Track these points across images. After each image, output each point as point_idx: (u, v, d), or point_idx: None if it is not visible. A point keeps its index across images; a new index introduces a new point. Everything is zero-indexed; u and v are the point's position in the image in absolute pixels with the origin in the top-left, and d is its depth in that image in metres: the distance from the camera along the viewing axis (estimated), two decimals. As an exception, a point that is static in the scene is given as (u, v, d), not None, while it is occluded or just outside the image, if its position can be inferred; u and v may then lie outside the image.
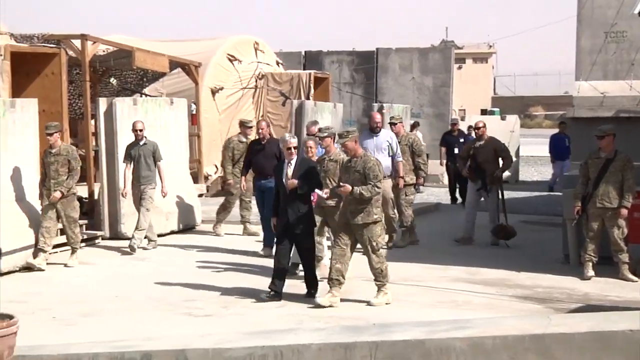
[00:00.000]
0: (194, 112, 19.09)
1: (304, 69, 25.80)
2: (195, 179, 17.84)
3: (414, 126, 22.50)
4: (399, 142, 13.40)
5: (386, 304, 9.56)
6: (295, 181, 9.71)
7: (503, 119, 26.68)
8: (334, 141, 10.63)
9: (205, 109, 19.40)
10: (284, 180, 9.83)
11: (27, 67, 13.53)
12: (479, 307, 9.52)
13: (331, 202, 10.28)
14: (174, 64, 17.87)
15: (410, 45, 29.05)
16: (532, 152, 34.84)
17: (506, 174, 20.89)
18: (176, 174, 14.63)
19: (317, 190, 9.78)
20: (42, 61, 13.71)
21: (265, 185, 12.43)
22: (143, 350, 6.72)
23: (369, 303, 9.54)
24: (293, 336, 7.04)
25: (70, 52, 14.70)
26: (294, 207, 9.75)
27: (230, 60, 20.97)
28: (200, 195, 16.93)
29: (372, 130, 12.94)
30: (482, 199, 14.00)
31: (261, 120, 12.63)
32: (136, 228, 12.90)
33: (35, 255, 11.52)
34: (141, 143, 13.04)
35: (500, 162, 13.93)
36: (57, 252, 12.19)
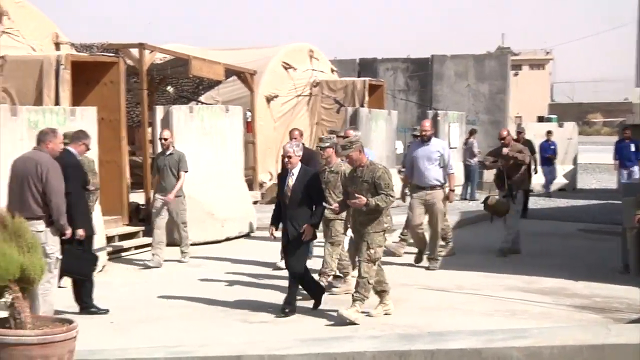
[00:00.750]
0: (249, 120, 19.22)
1: (359, 76, 25.82)
2: (251, 186, 17.95)
3: (471, 133, 22.35)
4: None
5: (349, 323, 8.86)
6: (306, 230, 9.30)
7: (560, 126, 26.38)
8: (335, 152, 10.27)
9: (260, 116, 19.50)
10: (285, 191, 9.46)
11: (87, 76, 13.74)
12: (536, 316, 9.40)
13: (330, 214, 9.93)
14: (230, 72, 18.01)
15: (466, 51, 28.93)
16: (590, 159, 34.38)
17: (538, 180, 20.35)
18: (231, 181, 14.74)
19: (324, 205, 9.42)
20: (101, 70, 13.91)
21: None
22: (199, 356, 6.78)
23: (338, 311, 9.08)
24: (348, 343, 7.03)
25: (129, 61, 14.90)
26: (294, 221, 9.33)
27: (285, 68, 21.06)
28: (255, 203, 17.03)
29: (422, 139, 12.44)
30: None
31: (294, 130, 12.33)
32: (181, 244, 12.88)
33: None
34: (167, 153, 12.76)
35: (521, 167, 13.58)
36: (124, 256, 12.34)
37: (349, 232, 10.34)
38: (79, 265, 9.39)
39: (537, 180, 21.05)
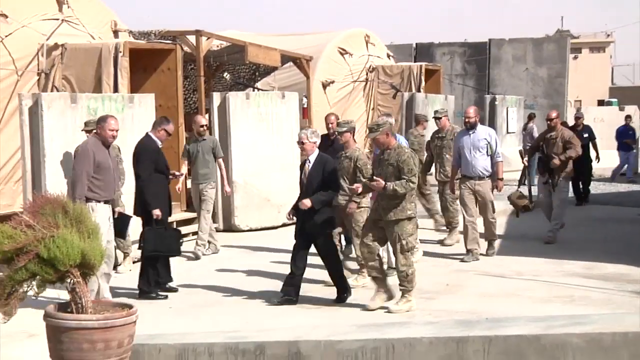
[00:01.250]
0: (305, 106, 19.24)
1: (415, 61, 25.67)
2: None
3: (530, 118, 22.09)
4: (444, 137, 12.75)
5: (407, 311, 8.88)
6: (308, 204, 9.04)
7: (621, 109, 25.92)
8: (353, 136, 10.05)
9: (316, 102, 19.51)
10: (302, 179, 9.30)
11: (145, 63, 13.88)
12: (596, 302, 9.27)
13: (342, 201, 9.81)
14: (286, 58, 18.02)
15: (524, 35, 28.54)
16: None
17: (600, 166, 19.87)
18: (287, 167, 14.77)
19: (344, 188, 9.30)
20: (159, 57, 14.03)
21: None
22: (257, 341, 6.80)
23: (388, 310, 8.91)
24: (405, 329, 7.00)
25: (186, 48, 15.01)
26: (310, 208, 9.07)
27: (341, 54, 21.03)
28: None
29: (466, 126, 11.84)
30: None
31: (330, 114, 12.01)
32: (198, 232, 12.38)
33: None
34: (200, 139, 12.28)
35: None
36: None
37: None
38: (165, 243, 9.60)
39: (602, 164, 20.55)
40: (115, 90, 12.76)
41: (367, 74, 21.43)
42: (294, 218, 9.40)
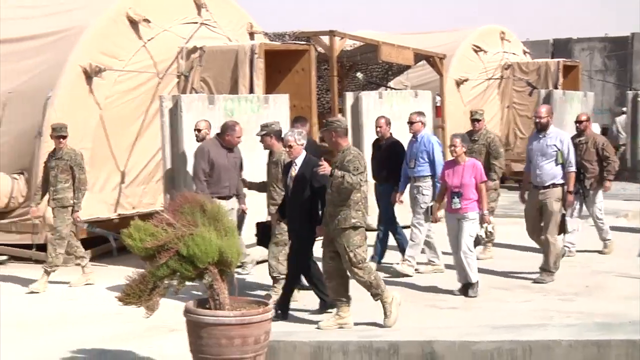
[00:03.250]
0: (439, 104, 19.08)
1: (552, 58, 25.08)
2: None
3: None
4: (476, 140, 11.67)
5: (398, 306, 8.37)
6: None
7: None
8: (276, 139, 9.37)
9: (449, 100, 19.33)
10: (288, 182, 8.86)
11: (279, 64, 14.08)
12: None
13: (273, 210, 9.28)
14: (419, 56, 17.93)
15: (669, 28, 27.42)
16: None
17: None
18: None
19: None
20: (293, 58, 14.21)
21: (380, 191, 11.22)
22: (390, 340, 6.81)
23: (383, 325, 8.34)
24: (542, 332, 6.86)
25: (319, 49, 15.14)
26: (295, 213, 8.64)
27: (476, 51, 20.78)
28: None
29: (537, 128, 10.44)
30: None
31: (380, 117, 11.25)
32: None
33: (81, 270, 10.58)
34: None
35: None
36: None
37: None
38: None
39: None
40: (251, 91, 12.99)
41: (502, 72, 21.11)
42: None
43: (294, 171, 8.77)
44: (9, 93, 12.43)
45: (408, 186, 10.94)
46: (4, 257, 11.84)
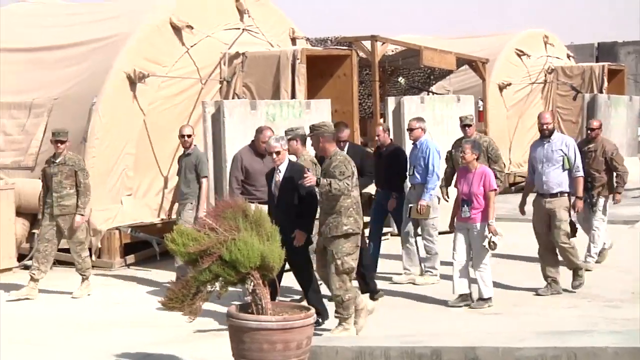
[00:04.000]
0: (481, 109, 18.98)
1: (597, 61, 24.84)
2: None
3: None
4: None
5: None
6: None
7: None
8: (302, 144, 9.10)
9: (492, 105, 19.22)
10: (273, 189, 8.55)
11: (321, 69, 14.10)
12: None
13: None
14: (461, 61, 17.85)
15: None
16: None
17: None
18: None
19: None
20: (335, 63, 14.23)
21: (379, 198, 10.86)
22: (433, 346, 6.77)
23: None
24: (587, 338, 6.78)
25: (361, 54, 15.14)
26: (285, 223, 7.90)
27: (519, 55, 20.67)
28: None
29: (542, 134, 10.03)
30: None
31: (379, 125, 10.94)
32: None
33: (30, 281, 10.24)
34: (186, 153, 10.74)
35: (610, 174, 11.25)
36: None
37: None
38: None
39: None
40: (293, 96, 13.03)
41: (545, 76, 20.97)
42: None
43: (278, 178, 8.49)
44: (54, 99, 12.60)
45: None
46: (50, 262, 11.98)
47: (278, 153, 8.43)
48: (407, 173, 10.69)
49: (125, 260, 11.96)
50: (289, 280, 9.01)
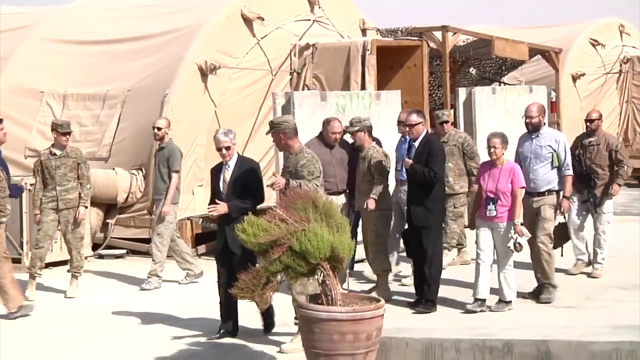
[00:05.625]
0: (554, 100, 18.70)
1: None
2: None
3: None
4: (445, 142, 10.52)
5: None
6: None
7: None
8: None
9: (565, 95, 18.92)
10: (220, 186, 8.06)
11: (391, 60, 14.05)
12: None
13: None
14: (534, 51, 17.60)
15: None
16: None
17: None
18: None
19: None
20: (405, 54, 14.17)
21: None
22: (504, 339, 6.71)
23: (280, 350, 7.65)
24: (663, 333, 6.64)
25: (432, 44, 15.04)
26: (235, 222, 7.40)
27: (593, 45, 20.32)
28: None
29: (528, 129, 9.36)
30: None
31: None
32: (153, 262, 10.36)
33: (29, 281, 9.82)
34: (160, 146, 10.42)
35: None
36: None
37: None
38: None
39: None
40: (363, 87, 13.01)
41: (620, 66, 20.57)
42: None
43: (228, 175, 8.03)
44: (128, 91, 12.80)
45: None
46: (123, 251, 12.19)
47: (228, 148, 7.99)
48: (395, 168, 10.04)
49: (197, 250, 12.09)
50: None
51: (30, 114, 13.27)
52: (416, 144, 9.02)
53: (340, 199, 9.60)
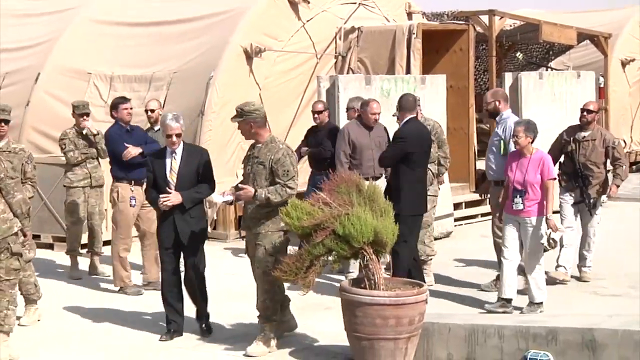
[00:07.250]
0: (602, 86, 18.44)
1: None
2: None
3: None
4: None
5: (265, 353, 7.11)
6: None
7: None
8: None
9: (614, 81, 18.65)
10: (167, 175, 7.54)
11: (437, 44, 13.96)
12: None
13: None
14: (582, 36, 17.37)
15: None
16: None
17: None
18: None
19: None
20: (451, 38, 14.06)
21: (315, 181, 9.57)
22: (549, 326, 6.65)
23: (245, 353, 7.13)
24: None
25: (478, 28, 14.91)
26: (182, 212, 7.39)
27: (644, 30, 20.00)
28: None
29: (491, 115, 8.93)
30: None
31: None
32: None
33: None
34: (156, 129, 9.64)
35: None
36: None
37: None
38: None
39: None
40: (408, 71, 12.94)
41: (672, 51, 20.23)
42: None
43: (175, 163, 7.56)
44: (174, 73, 12.85)
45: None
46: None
47: (179, 135, 7.54)
48: None
49: (240, 232, 12.15)
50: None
51: (78, 95, 13.36)
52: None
53: (380, 183, 9.45)
